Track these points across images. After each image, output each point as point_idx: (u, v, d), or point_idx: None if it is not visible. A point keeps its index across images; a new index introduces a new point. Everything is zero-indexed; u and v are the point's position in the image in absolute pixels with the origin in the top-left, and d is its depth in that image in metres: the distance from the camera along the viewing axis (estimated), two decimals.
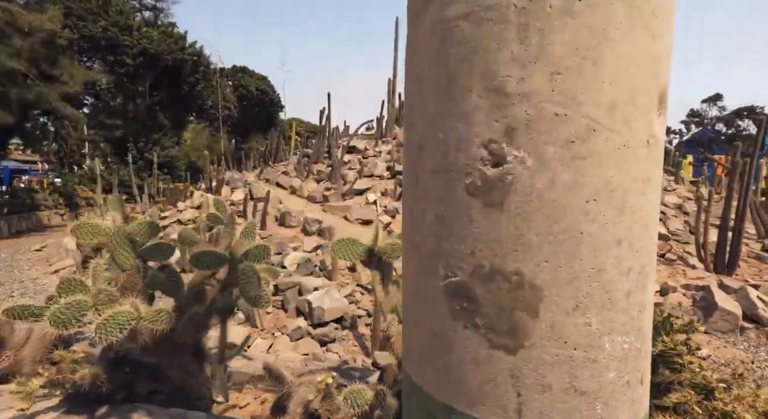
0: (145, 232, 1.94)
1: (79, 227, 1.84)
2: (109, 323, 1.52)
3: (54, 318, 1.48)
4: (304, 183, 9.11)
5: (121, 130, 21.71)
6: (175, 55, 19.25)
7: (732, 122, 45.33)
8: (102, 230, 1.84)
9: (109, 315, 1.53)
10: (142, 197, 13.24)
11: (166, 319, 1.66)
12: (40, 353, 2.56)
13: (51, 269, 7.00)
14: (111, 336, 1.52)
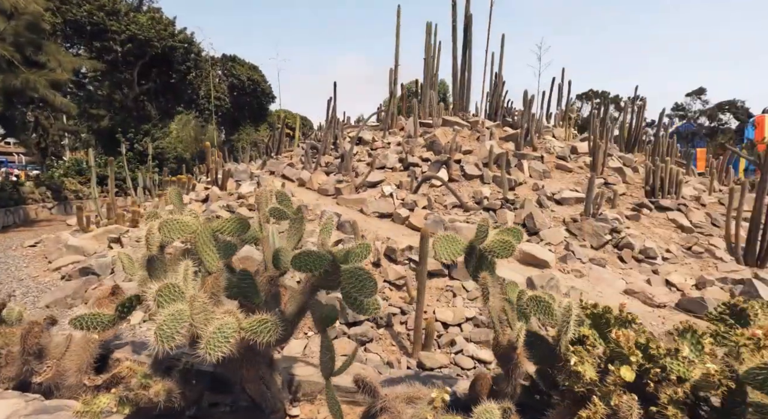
0: (232, 228, 1.70)
1: (167, 223, 1.60)
2: (217, 337, 1.30)
3: (161, 332, 1.25)
4: (314, 175, 8.83)
5: (107, 120, 20.86)
6: (165, 42, 18.47)
7: (714, 115, 46.41)
8: (189, 228, 1.60)
9: (217, 328, 1.31)
10: (137, 190, 12.73)
11: (272, 329, 1.44)
12: (84, 362, 2.31)
13: (52, 266, 6.61)
14: (218, 351, 1.30)
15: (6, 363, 2.19)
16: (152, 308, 1.70)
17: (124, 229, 7.58)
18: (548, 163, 8.37)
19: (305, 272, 1.57)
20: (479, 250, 1.80)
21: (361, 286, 1.50)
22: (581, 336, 1.51)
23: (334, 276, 1.59)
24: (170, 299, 1.39)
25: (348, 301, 1.64)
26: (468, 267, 1.84)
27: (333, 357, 1.67)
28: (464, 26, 13.99)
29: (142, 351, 2.66)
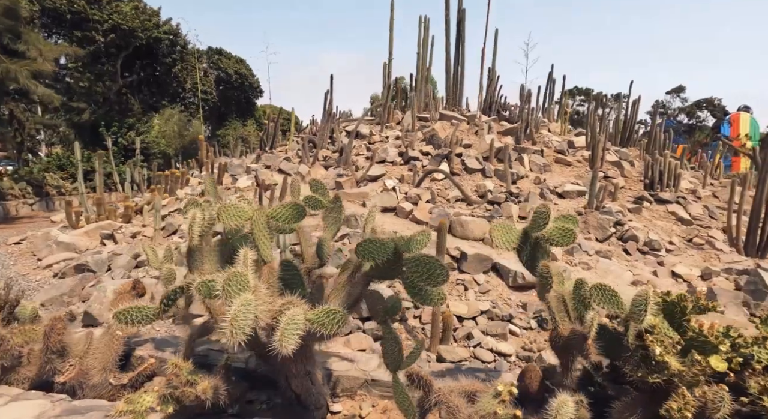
0: (287, 215, 1.61)
1: (226, 209, 1.50)
2: (291, 329, 1.21)
3: (236, 324, 1.16)
4: (312, 169, 8.69)
5: (88, 114, 20.12)
6: (150, 33, 17.87)
7: (693, 113, 47.88)
8: (246, 214, 1.50)
9: (289, 320, 1.22)
10: (124, 186, 12.33)
11: (341, 320, 1.36)
12: (108, 360, 2.19)
13: (42, 264, 6.33)
14: (291, 343, 1.22)
15: (28, 361, 2.05)
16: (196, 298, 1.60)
17: (117, 225, 7.32)
18: (548, 157, 8.43)
19: (369, 260, 1.49)
20: (534, 238, 1.76)
21: (429, 274, 1.42)
22: (649, 326, 1.48)
23: (396, 265, 1.52)
24: (238, 289, 1.30)
25: (411, 290, 1.56)
26: (521, 256, 1.79)
27: (401, 349, 1.59)
28: (457, 21, 13.96)
29: (165, 348, 2.54)
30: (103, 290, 4.65)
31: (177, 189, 8.43)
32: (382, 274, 1.60)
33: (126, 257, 5.83)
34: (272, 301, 1.37)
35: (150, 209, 7.87)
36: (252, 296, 1.27)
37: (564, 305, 1.65)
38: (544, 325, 4.21)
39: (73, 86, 20.98)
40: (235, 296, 1.25)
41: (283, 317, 1.22)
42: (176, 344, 2.59)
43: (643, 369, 1.41)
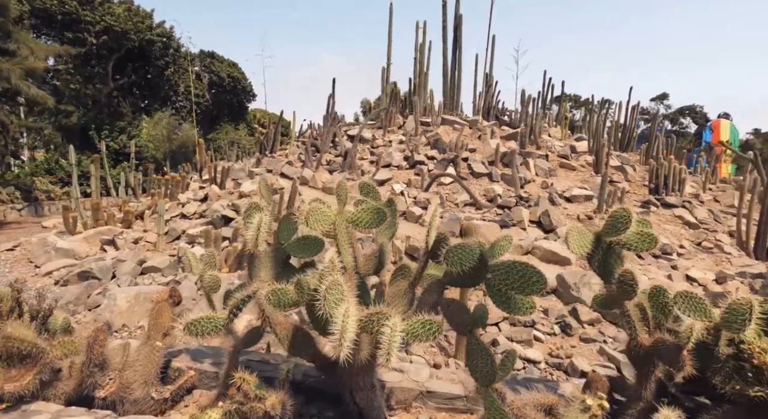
0: (368, 220, 1.54)
1: (314, 212, 1.42)
2: (395, 343, 1.14)
3: (348, 337, 1.08)
4: (317, 173, 8.60)
5: (76, 116, 19.66)
6: (142, 35, 17.58)
7: (676, 119, 49.24)
8: (329, 218, 1.43)
9: (395, 333, 1.15)
10: (118, 190, 12.03)
11: (436, 330, 1.30)
12: (150, 373, 2.08)
13: (41, 271, 6.10)
14: (396, 355, 1.15)
15: (69, 375, 1.93)
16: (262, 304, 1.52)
17: (117, 230, 7.12)
18: (552, 161, 8.49)
19: (456, 268, 1.42)
20: (606, 243, 1.72)
21: (522, 282, 1.36)
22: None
23: (480, 272, 1.46)
24: (338, 299, 1.22)
25: (498, 299, 1.50)
26: (592, 262, 1.75)
27: (493, 361, 1.52)
28: (454, 26, 14.08)
29: (203, 359, 2.43)
30: (113, 297, 4.49)
31: (178, 193, 8.25)
32: (461, 281, 1.54)
33: (131, 263, 5.65)
34: (359, 311, 1.30)
35: (152, 214, 7.68)
36: (352, 308, 1.19)
37: (642, 314, 1.61)
38: (568, 331, 4.19)
39: (61, 88, 20.50)
40: (335, 307, 1.18)
41: (385, 329, 1.15)
42: (212, 354, 2.48)
43: (739, 381, 1.38)
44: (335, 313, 1.14)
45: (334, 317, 1.13)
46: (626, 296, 1.57)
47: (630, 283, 1.54)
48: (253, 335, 2.09)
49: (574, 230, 1.67)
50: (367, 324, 1.23)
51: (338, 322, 1.12)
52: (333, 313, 1.14)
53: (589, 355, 3.80)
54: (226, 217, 6.72)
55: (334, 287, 1.20)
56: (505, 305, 1.49)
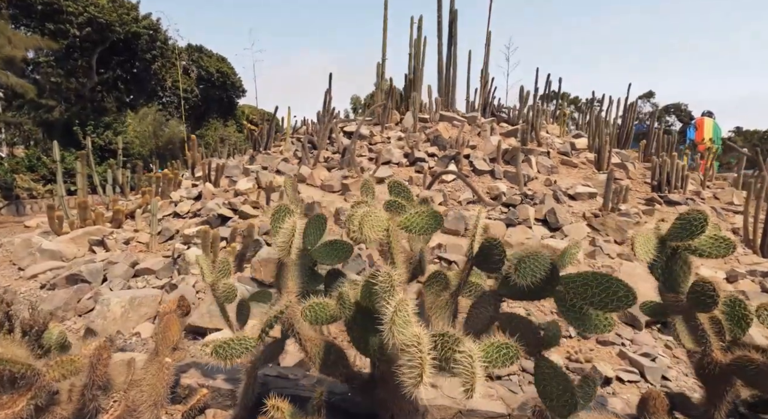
0: (423, 224, 1.36)
1: (369, 217, 1.23)
2: (479, 374, 0.96)
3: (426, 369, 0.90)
4: (314, 171, 8.36)
5: (58, 111, 18.97)
6: (128, 27, 16.99)
7: (662, 117, 50.20)
8: (383, 223, 1.24)
9: (475, 362, 0.97)
10: (105, 188, 11.59)
11: (513, 356, 1.12)
12: (159, 394, 1.87)
13: (26, 274, 5.76)
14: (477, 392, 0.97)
15: (69, 399, 1.71)
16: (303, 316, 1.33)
17: (107, 230, 6.80)
18: (553, 158, 8.41)
19: (527, 280, 1.24)
20: (671, 248, 1.57)
21: (604, 297, 1.19)
22: None
23: (549, 284, 1.29)
24: (407, 321, 1.03)
25: (571, 314, 1.33)
26: (654, 270, 1.60)
27: (573, 388, 1.32)
28: (449, 22, 13.92)
29: (214, 375, 2.23)
30: (106, 303, 4.23)
31: (170, 192, 7.94)
32: (523, 294, 1.37)
33: (123, 265, 5.37)
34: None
35: (143, 213, 7.36)
36: (422, 333, 1.01)
37: (717, 326, 1.47)
38: (584, 334, 4.07)
39: (41, 82, 19.74)
40: (402, 330, 0.99)
41: (462, 357, 0.96)
42: (225, 369, 2.27)
43: None
44: (406, 341, 0.95)
45: (407, 347, 0.95)
46: (702, 308, 1.43)
47: (710, 295, 1.39)
48: (274, 349, 1.90)
49: (640, 235, 1.51)
50: (436, 349, 1.06)
51: (414, 354, 0.93)
52: (405, 342, 0.96)
53: (608, 359, 3.69)
54: (222, 216, 6.46)
55: (402, 308, 1.01)
56: (579, 322, 1.32)
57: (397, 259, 1.35)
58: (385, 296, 1.06)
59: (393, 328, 0.98)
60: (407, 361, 0.93)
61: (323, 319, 1.34)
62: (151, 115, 23.67)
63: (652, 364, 3.34)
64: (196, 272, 5.30)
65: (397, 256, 1.35)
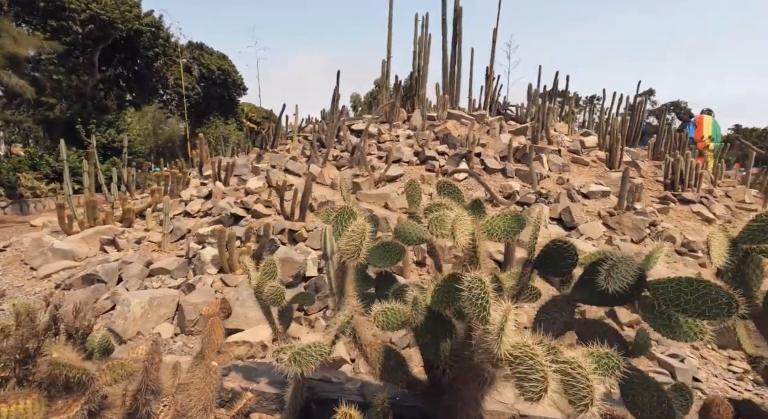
0: (506, 228, 1.32)
1: (461, 221, 1.20)
2: (594, 389, 0.93)
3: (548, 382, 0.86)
4: (324, 169, 8.32)
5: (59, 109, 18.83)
6: (130, 24, 16.85)
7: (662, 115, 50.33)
8: (469, 227, 1.21)
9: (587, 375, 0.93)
10: (110, 186, 11.52)
11: (615, 366, 1.08)
12: (208, 398, 1.84)
13: (39, 274, 5.72)
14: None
15: (123, 403, 1.68)
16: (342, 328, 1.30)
17: (118, 229, 6.75)
18: (564, 156, 8.39)
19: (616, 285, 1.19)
20: (743, 250, 1.54)
21: (701, 304, 1.13)
22: None
23: (635, 289, 1.25)
24: (514, 331, 0.99)
25: (658, 322, 1.28)
26: (723, 274, 1.57)
27: (669, 400, 1.25)
28: (453, 19, 13.88)
29: (257, 378, 2.20)
30: (126, 303, 4.20)
31: (180, 190, 7.88)
32: (601, 299, 1.33)
33: (138, 265, 5.33)
34: None
35: (153, 212, 7.31)
36: (531, 341, 0.97)
37: None
38: None
39: (42, 80, 19.58)
40: (512, 340, 0.95)
41: (578, 373, 0.91)
42: (266, 372, 2.24)
43: None
44: (519, 352, 0.91)
45: (520, 357, 0.91)
46: None
47: None
48: None
49: (715, 237, 1.48)
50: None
51: (535, 366, 0.89)
52: (516, 353, 0.92)
53: (637, 360, 3.67)
54: (235, 215, 6.42)
55: (511, 317, 0.97)
56: (668, 329, 1.28)
57: (483, 265, 1.32)
58: (479, 303, 1.02)
59: (502, 338, 0.93)
60: (523, 372, 0.90)
61: (395, 324, 1.30)
62: (150, 113, 23.52)
63: (682, 365, 3.33)
64: (213, 271, 5.27)
65: (483, 262, 1.32)
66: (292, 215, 6.29)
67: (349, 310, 1.31)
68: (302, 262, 4.89)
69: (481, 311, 1.02)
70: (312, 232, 5.78)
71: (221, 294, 4.79)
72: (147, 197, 8.86)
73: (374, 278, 1.88)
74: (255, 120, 33.67)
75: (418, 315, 1.28)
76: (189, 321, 4.22)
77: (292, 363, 1.13)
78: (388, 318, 1.31)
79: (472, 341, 1.15)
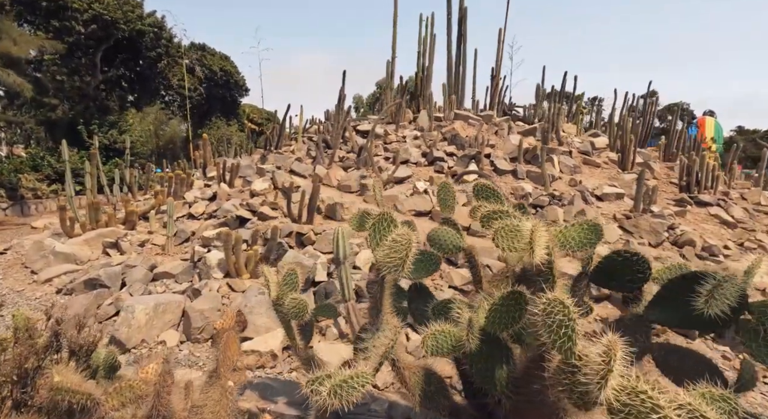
0: (582, 240, 1.16)
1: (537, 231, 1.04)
2: None
3: None
4: (331, 171, 8.17)
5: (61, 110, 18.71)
6: (133, 25, 16.73)
7: (663, 116, 50.21)
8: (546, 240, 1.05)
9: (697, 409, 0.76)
10: (112, 188, 11.38)
11: (733, 411, 0.91)
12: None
13: (40, 278, 5.56)
14: None
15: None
16: None
17: (121, 232, 6.60)
18: (575, 158, 8.22)
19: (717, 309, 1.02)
20: None
21: None
22: None
23: (736, 312, 1.08)
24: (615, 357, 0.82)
25: (764, 351, 1.09)
26: None
27: None
28: (458, 19, 13.74)
29: (275, 397, 2.03)
30: (131, 310, 4.04)
31: (184, 192, 7.73)
32: (689, 322, 1.14)
33: (142, 269, 5.18)
34: None
35: (157, 215, 7.16)
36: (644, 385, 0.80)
37: None
38: None
39: (44, 81, 19.46)
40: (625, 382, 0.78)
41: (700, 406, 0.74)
42: (283, 390, 2.08)
43: None
44: (645, 406, 0.74)
45: (639, 415, 0.74)
46: None
47: None
48: None
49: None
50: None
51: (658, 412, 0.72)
52: (636, 405, 0.75)
53: None
54: (241, 217, 6.27)
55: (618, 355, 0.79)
56: (763, 355, 1.11)
57: (559, 283, 1.16)
58: (562, 332, 0.85)
59: (610, 379, 0.76)
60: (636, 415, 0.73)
61: (445, 349, 1.14)
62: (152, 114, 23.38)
63: None
64: (219, 275, 5.11)
65: (559, 279, 1.16)
66: (300, 217, 6.13)
67: (392, 332, 1.15)
68: (312, 266, 4.73)
69: (566, 342, 0.86)
70: (320, 235, 5.62)
71: (228, 300, 4.63)
72: (150, 199, 8.72)
73: (406, 290, 1.72)
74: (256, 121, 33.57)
75: (474, 339, 1.12)
76: (195, 328, 4.06)
77: (333, 398, 0.97)
78: (438, 341, 1.14)
79: (542, 373, 0.99)
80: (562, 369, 0.90)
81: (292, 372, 3.55)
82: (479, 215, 1.37)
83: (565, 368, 0.89)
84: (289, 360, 3.76)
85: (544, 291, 1.23)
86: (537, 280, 1.35)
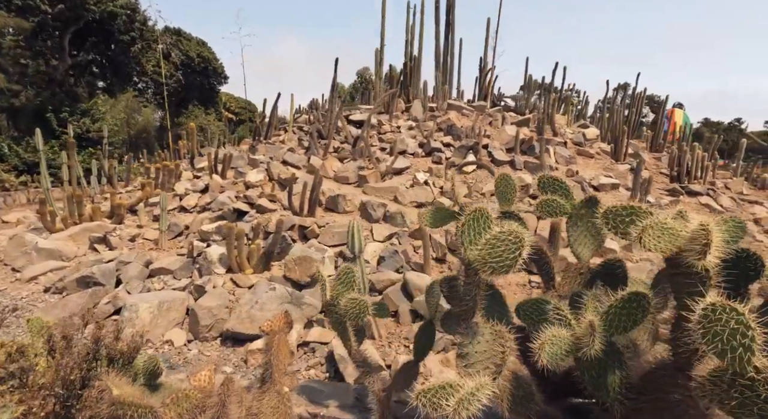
0: (732, 235, 1.11)
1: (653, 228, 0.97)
2: None
3: None
4: (326, 162, 7.99)
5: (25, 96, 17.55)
6: (104, 6, 15.75)
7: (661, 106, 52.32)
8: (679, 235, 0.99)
9: None
10: (89, 180, 10.79)
11: None
12: None
13: (23, 276, 5.21)
14: None
15: None
16: None
17: (109, 226, 6.26)
18: (570, 149, 8.33)
19: None
20: None
21: None
22: None
23: None
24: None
25: None
26: None
27: None
28: (446, 8, 13.61)
29: (325, 401, 1.94)
30: (135, 309, 3.84)
31: (173, 184, 7.40)
32: None
33: (137, 265, 4.93)
34: None
35: (146, 207, 6.83)
36: None
37: None
38: None
39: (4, 64, 18.15)
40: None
41: None
42: (332, 393, 1.99)
43: None
44: None
45: None
46: None
47: None
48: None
49: None
50: None
51: None
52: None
53: None
54: (238, 210, 6.05)
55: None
56: None
57: (712, 290, 1.10)
58: (733, 345, 0.78)
59: None
60: None
61: (560, 355, 1.07)
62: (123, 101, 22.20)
63: None
64: (221, 271, 4.92)
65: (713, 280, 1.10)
66: (301, 210, 5.97)
67: (503, 339, 1.07)
68: (320, 260, 4.61)
69: (743, 352, 0.79)
70: (324, 228, 5.49)
71: (234, 296, 4.46)
72: (135, 191, 8.31)
73: None
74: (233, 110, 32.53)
75: (598, 344, 1.05)
76: (203, 326, 3.89)
77: (462, 411, 0.89)
78: (555, 347, 1.07)
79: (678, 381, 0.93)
80: (721, 379, 0.84)
81: (309, 370, 3.45)
82: (603, 214, 1.30)
83: (731, 380, 0.83)
84: (305, 357, 3.66)
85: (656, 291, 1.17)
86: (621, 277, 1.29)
